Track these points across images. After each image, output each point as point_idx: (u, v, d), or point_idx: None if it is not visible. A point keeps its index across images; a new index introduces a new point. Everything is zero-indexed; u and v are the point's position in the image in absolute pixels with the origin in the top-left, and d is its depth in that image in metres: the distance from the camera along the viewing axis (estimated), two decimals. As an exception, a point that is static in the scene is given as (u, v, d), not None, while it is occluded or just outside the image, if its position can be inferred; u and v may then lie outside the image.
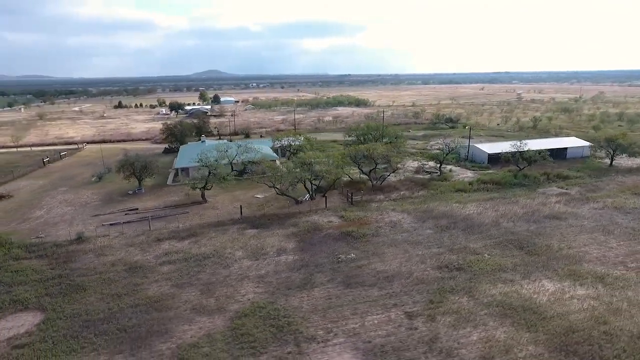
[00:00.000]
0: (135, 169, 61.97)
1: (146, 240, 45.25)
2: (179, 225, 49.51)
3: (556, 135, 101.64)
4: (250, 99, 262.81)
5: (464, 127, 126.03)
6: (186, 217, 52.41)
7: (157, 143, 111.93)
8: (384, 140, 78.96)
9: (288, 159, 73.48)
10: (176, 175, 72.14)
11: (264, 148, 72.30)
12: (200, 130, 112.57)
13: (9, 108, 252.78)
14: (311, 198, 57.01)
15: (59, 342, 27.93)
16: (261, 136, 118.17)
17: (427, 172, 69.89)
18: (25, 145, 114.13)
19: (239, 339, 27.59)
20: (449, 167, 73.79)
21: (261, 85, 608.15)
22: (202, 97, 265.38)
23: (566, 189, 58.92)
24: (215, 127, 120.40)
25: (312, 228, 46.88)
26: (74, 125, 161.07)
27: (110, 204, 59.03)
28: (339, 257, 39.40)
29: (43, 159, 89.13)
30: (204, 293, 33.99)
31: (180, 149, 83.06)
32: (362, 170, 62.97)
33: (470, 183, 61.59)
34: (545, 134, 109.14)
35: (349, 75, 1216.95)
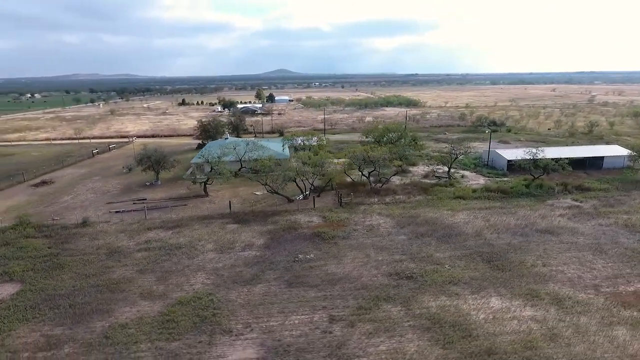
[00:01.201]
0: (152, 163, 67.08)
1: (137, 228, 49.19)
2: (172, 216, 53.08)
3: (607, 143, 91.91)
4: (304, 97, 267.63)
5: (508, 130, 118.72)
6: (183, 209, 55.92)
7: (198, 139, 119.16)
8: (401, 142, 77.11)
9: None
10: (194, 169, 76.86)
11: (274, 147, 74.28)
12: (237, 127, 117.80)
13: (91, 104, 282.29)
14: (304, 197, 57.84)
15: (19, 311, 31.90)
16: (292, 135, 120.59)
17: (437, 176, 67.25)
18: (87, 138, 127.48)
19: (163, 325, 29.53)
20: (462, 172, 70.49)
21: (323, 85, 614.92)
22: (258, 96, 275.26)
23: (580, 202, 53.64)
24: (251, 125, 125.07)
25: (289, 226, 47.78)
26: (136, 121, 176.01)
27: (127, 194, 64.61)
28: (298, 257, 40.00)
29: (93, 151, 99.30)
30: (159, 280, 36.52)
31: (206, 145, 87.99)
32: (362, 172, 62.36)
33: (475, 190, 58.36)
34: (598, 140, 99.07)
35: (416, 74, 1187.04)
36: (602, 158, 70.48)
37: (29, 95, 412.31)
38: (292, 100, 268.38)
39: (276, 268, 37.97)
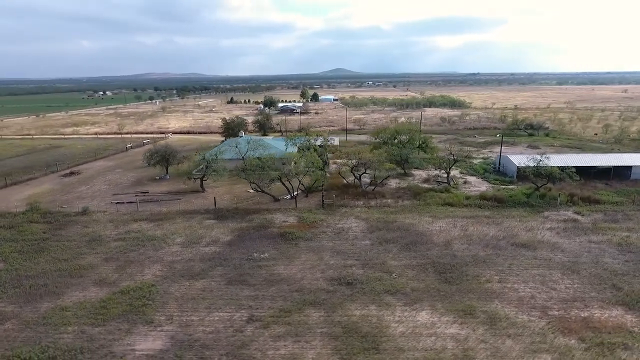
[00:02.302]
0: (161, 159, 70.98)
1: (126, 219, 52.45)
2: (162, 209, 55.93)
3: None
4: (348, 97, 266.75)
5: (546, 135, 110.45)
6: (175, 203, 58.64)
7: (222, 136, 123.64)
8: (408, 144, 74.67)
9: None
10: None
11: (278, 145, 75.24)
12: (263, 126, 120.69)
13: (150, 101, 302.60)
14: (292, 197, 58.17)
15: (-13, 288, 35.70)
16: (317, 135, 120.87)
17: (437, 181, 64.38)
18: (130, 133, 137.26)
19: (96, 311, 31.46)
20: (468, 178, 66.92)
21: (376, 84, 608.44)
22: (303, 95, 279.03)
23: (582, 215, 48.81)
24: (277, 124, 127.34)
25: (261, 225, 48.44)
26: (181, 118, 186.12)
27: (135, 186, 68.92)
28: (252, 255, 40.56)
29: (127, 145, 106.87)
30: (117, 268, 38.80)
31: (223, 142, 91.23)
32: (354, 174, 61.39)
33: (468, 197, 55.17)
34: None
35: (478, 73, 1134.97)
36: (629, 168, 63.28)
37: (101, 92, 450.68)
38: (336, 100, 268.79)
39: (227, 265, 38.80)
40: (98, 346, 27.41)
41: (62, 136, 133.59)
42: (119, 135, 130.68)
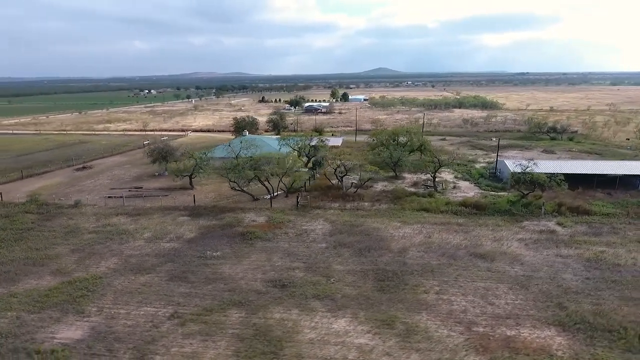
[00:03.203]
0: (159, 156, 73.67)
1: (109, 212, 54.96)
2: (145, 204, 58.13)
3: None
4: (378, 97, 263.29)
5: (570, 139, 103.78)
6: (162, 199, 60.68)
7: (233, 134, 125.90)
8: (405, 147, 72.69)
9: (307, 157, 74.83)
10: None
11: (273, 145, 75.75)
12: (276, 125, 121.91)
13: (187, 100, 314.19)
14: (272, 197, 58.47)
15: (-42, 271, 38.75)
16: (332, 134, 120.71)
17: (424, 185, 62.27)
18: (154, 130, 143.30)
19: (39, 299, 33.23)
20: (460, 183, 64.26)
21: (415, 83, 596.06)
22: (333, 95, 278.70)
23: (564, 226, 45.47)
24: (291, 124, 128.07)
25: (229, 224, 49.10)
26: (208, 116, 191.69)
27: (135, 182, 71.91)
28: (206, 253, 41.29)
29: (144, 142, 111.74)
30: (78, 260, 40.75)
31: (230, 141, 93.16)
32: (337, 176, 60.68)
33: (448, 203, 52.95)
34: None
35: (527, 73, 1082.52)
36: (637, 177, 58.05)
37: (146, 91, 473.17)
38: (366, 100, 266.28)
39: (177, 262, 39.74)
40: (24, 332, 29.07)
41: (93, 132, 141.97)
42: (143, 132, 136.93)
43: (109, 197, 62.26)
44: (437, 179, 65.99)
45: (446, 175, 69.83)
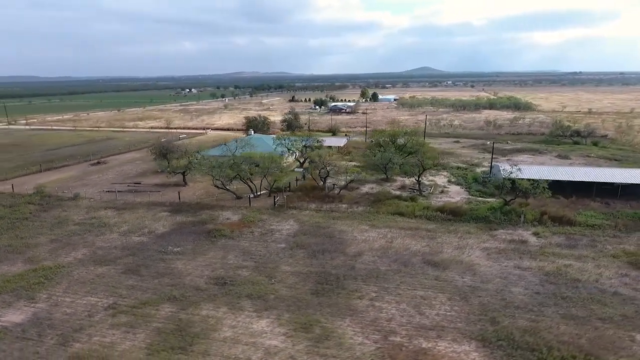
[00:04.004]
0: (161, 153, 76.62)
1: (100, 206, 57.96)
2: (135, 199, 60.78)
3: None
4: (408, 97, 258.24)
5: (594, 144, 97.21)
6: (152, 194, 63.10)
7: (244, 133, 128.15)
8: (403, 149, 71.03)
9: (302, 157, 75.23)
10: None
11: (268, 144, 76.56)
12: (290, 125, 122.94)
13: (221, 99, 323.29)
14: (255, 196, 59.28)
15: (-53, 255, 42.48)
16: (346, 135, 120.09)
17: (411, 189, 60.66)
18: (178, 128, 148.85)
19: (2, 284, 35.76)
20: (451, 187, 62.07)
21: (456, 83, 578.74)
22: (363, 95, 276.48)
23: (538, 236, 42.83)
24: (305, 123, 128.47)
25: (203, 221, 50.35)
26: (234, 115, 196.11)
27: (138, 177, 75.33)
28: (168, 248, 42.68)
29: (161, 139, 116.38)
30: (53, 249, 43.31)
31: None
32: (320, 177, 60.45)
33: (426, 208, 51.33)
34: None
35: (580, 72, 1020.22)
36: (643, 186, 53.51)
37: (187, 90, 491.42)
38: (396, 100, 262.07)
39: (138, 255, 41.39)
40: (-25, 314, 31.60)
41: (122, 129, 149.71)
42: (167, 130, 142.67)
43: (106, 191, 65.71)
44: (428, 183, 64.36)
45: (440, 178, 67.78)
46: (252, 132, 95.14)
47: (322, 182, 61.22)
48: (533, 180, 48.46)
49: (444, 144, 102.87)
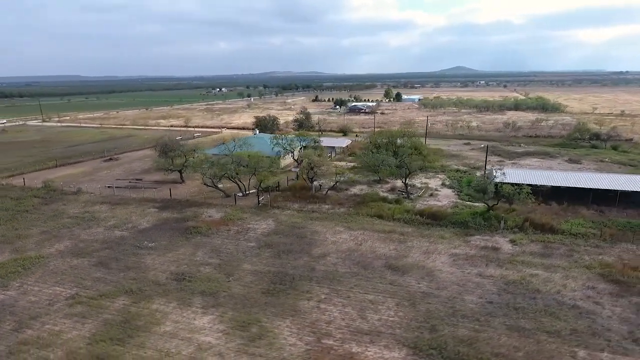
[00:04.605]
0: (165, 150, 79.03)
1: (97, 201, 60.56)
2: (131, 195, 63.09)
3: None
4: (432, 97, 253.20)
5: (614, 148, 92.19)
6: (149, 191, 65.32)
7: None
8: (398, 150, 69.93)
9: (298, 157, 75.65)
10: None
11: (266, 145, 77.29)
12: (301, 124, 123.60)
13: (248, 98, 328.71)
14: (243, 195, 60.19)
15: (-54, 243, 45.78)
16: (356, 135, 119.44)
17: (400, 191, 59.67)
18: (197, 127, 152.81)
19: (-18, 271, 38.47)
20: (442, 190, 60.60)
21: (489, 83, 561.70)
22: (387, 95, 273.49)
23: (514, 244, 41.18)
24: (316, 123, 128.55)
25: (186, 218, 51.68)
26: (254, 114, 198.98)
27: (142, 174, 78.19)
28: (144, 243, 44.16)
29: (176, 138, 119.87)
30: (40, 241, 45.66)
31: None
32: (308, 177, 60.53)
33: (408, 211, 50.40)
34: None
35: (626, 72, 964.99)
36: (643, 194, 50.22)
37: (218, 89, 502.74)
38: (421, 100, 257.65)
39: (115, 249, 43.02)
40: (-50, 298, 33.99)
41: (144, 127, 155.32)
42: (185, 128, 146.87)
43: (107, 186, 68.61)
44: (421, 185, 63.22)
45: (435, 181, 66.34)
46: (257, 131, 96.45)
47: (310, 183, 61.41)
48: (517, 185, 46.57)
49: (453, 146, 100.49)
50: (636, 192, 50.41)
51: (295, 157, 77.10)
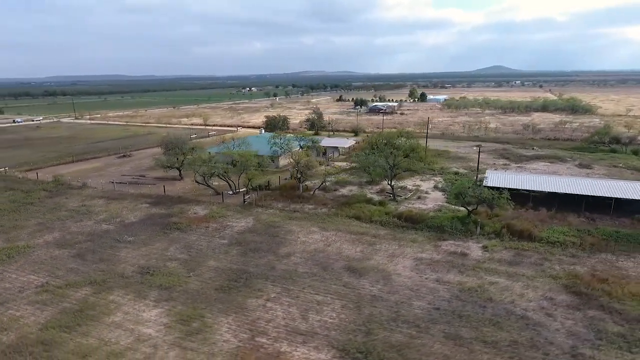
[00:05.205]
0: (170, 148, 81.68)
1: (96, 195, 63.50)
2: (129, 190, 65.68)
3: None
4: (458, 98, 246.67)
5: (634, 153, 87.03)
6: (148, 187, 67.77)
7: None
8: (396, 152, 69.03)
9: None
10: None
11: (264, 144, 78.33)
12: (314, 124, 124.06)
13: (273, 97, 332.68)
14: (233, 193, 61.37)
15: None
16: (367, 135, 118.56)
17: (387, 192, 58.92)
18: (215, 125, 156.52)
19: (-28, 258, 41.37)
20: (433, 193, 59.31)
21: (525, 83, 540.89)
22: (411, 95, 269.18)
23: (485, 250, 39.88)
24: (328, 123, 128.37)
25: (170, 214, 53.34)
26: (272, 113, 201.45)
27: (146, 170, 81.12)
28: (124, 237, 46.02)
29: (191, 135, 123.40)
30: (33, 232, 48.47)
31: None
32: (297, 176, 60.88)
33: (387, 213, 49.81)
34: None
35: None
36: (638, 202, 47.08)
37: (248, 88, 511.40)
38: (446, 100, 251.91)
39: (96, 242, 45.08)
40: (-63, 282, 36.86)
41: (166, 125, 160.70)
42: (203, 127, 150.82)
43: (111, 182, 71.76)
44: (413, 187, 62.26)
45: (429, 183, 65.06)
46: (262, 130, 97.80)
47: (298, 182, 61.84)
48: (498, 189, 45.04)
49: (462, 148, 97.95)
50: (631, 199, 47.43)
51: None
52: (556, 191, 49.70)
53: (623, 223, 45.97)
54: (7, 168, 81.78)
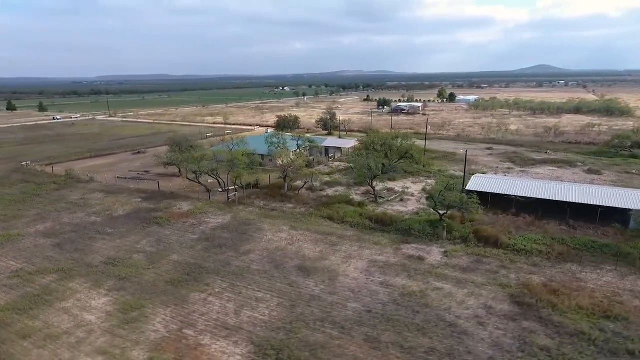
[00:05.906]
0: (176, 145, 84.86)
1: (99, 189, 67.17)
2: (129, 185, 68.94)
3: None
4: (488, 98, 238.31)
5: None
6: (148, 182, 70.82)
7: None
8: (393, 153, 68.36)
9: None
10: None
11: (261, 144, 79.57)
12: (326, 124, 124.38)
13: (301, 97, 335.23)
14: (222, 190, 63.03)
15: (-40, 218, 54.11)
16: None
17: (372, 194, 58.41)
18: (236, 124, 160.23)
19: (-33, 243, 45.20)
20: (416, 195, 58.26)
21: (569, 84, 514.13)
22: (440, 95, 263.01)
23: (446, 255, 38.94)
24: (341, 123, 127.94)
25: (156, 208, 55.74)
26: (297, 112, 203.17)
27: (151, 167, 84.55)
28: (105, 229, 48.62)
29: (206, 134, 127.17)
30: (29, 221, 52.24)
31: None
32: (282, 176, 61.60)
33: (361, 214, 49.56)
34: None
35: None
36: (626, 212, 43.98)
37: (281, 88, 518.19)
38: (475, 100, 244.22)
39: (79, 232, 47.97)
40: None
41: (189, 123, 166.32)
42: (222, 125, 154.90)
43: (118, 177, 75.61)
44: (400, 189, 61.51)
45: (417, 186, 63.91)
46: (268, 130, 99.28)
47: (285, 182, 62.65)
48: (480, 193, 43.80)
49: (471, 150, 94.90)
50: (614, 207, 44.57)
51: (291, 157, 78.69)
52: (537, 197, 47.57)
53: (605, 232, 43.41)
54: (29, 162, 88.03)
